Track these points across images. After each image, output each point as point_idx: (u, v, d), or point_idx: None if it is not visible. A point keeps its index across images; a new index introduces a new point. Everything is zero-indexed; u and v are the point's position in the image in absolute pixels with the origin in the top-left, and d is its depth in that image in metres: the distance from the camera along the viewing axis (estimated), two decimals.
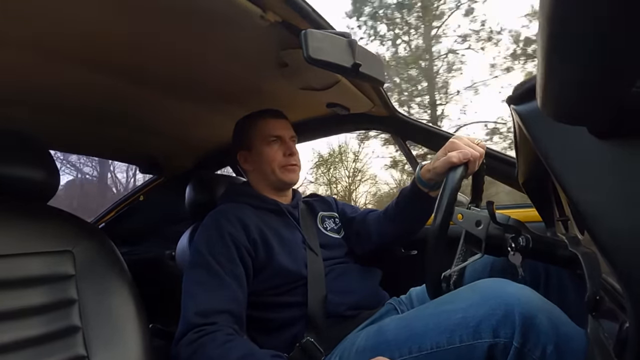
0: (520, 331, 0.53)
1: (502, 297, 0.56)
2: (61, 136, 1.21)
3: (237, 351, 0.67)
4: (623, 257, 0.29)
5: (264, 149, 0.98)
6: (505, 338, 0.54)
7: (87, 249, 0.73)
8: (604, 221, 0.30)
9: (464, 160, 0.74)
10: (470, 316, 0.58)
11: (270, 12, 0.65)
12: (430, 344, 0.61)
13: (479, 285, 0.63)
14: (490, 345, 0.55)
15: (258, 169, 1.00)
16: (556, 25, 0.19)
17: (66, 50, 0.75)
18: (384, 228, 0.99)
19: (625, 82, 0.22)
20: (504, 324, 0.54)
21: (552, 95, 0.26)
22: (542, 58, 0.23)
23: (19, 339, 0.61)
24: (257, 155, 0.99)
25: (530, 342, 0.52)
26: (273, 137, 0.98)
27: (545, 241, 0.70)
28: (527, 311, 0.53)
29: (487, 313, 0.56)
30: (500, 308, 0.55)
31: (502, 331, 0.54)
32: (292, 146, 1.00)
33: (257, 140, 0.99)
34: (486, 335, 0.55)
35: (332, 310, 0.84)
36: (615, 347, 0.34)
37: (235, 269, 0.81)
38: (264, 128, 0.99)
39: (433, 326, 0.62)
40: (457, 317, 0.59)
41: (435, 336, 0.61)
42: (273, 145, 0.98)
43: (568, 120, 0.28)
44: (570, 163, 0.33)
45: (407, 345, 0.64)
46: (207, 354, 0.67)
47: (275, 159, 0.97)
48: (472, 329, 0.57)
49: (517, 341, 0.52)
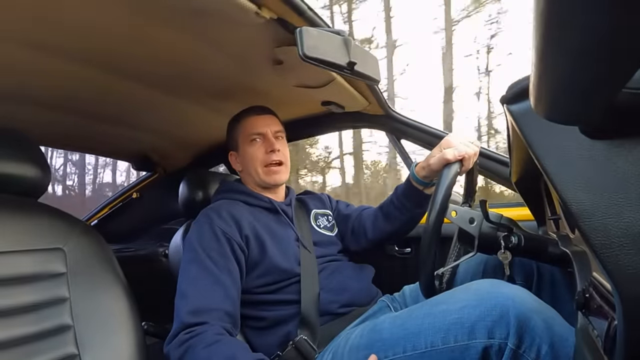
0: (516, 332, 0.53)
1: (498, 298, 0.57)
2: (53, 133, 1.20)
3: (221, 353, 0.67)
4: (613, 256, 0.29)
5: (247, 148, 0.97)
6: (500, 339, 0.54)
7: (79, 247, 0.73)
8: (595, 220, 0.31)
9: (458, 158, 0.75)
10: (466, 316, 0.58)
11: (265, 9, 0.65)
12: (425, 344, 0.61)
13: (474, 286, 0.63)
14: (485, 346, 0.55)
15: (245, 170, 0.99)
16: (549, 26, 0.19)
17: (58, 46, 0.74)
18: (379, 225, 0.99)
19: (616, 83, 0.23)
20: (499, 325, 0.54)
21: (545, 95, 0.26)
22: (535, 58, 0.23)
23: (9, 337, 0.60)
24: (242, 156, 0.99)
25: (525, 343, 0.53)
26: (254, 134, 0.96)
27: (536, 239, 0.71)
28: (522, 312, 0.54)
29: (482, 314, 0.56)
30: (496, 309, 0.56)
31: (497, 332, 0.54)
32: (274, 142, 0.95)
33: (241, 140, 0.98)
34: (481, 336, 0.56)
35: (325, 307, 0.85)
36: (604, 344, 0.34)
37: (228, 264, 0.80)
38: (246, 127, 0.98)
39: (428, 326, 0.62)
40: (453, 317, 0.60)
41: (430, 336, 0.61)
42: (254, 143, 0.96)
43: (560, 120, 0.28)
44: (562, 162, 0.33)
45: (402, 344, 0.64)
46: (194, 356, 0.67)
47: (257, 158, 0.95)
48: (467, 329, 0.57)
49: (513, 342, 0.53)
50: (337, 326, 0.82)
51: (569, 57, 0.20)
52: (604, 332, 0.34)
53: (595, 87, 0.22)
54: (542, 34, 0.20)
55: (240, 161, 1.00)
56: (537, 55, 0.22)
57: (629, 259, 0.29)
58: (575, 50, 0.20)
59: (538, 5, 0.19)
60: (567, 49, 0.20)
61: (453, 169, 0.74)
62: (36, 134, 1.06)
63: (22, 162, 0.70)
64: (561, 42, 0.20)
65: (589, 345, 0.39)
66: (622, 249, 0.29)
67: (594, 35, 0.18)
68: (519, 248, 0.70)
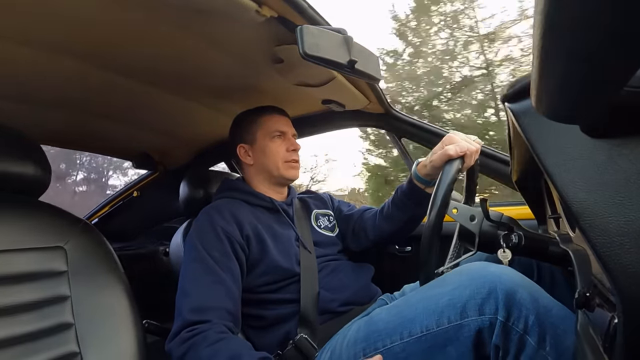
0: (504, 306, 0.55)
1: (486, 277, 0.59)
2: (53, 131, 1.20)
3: (226, 351, 0.67)
4: (613, 255, 0.29)
5: (268, 143, 0.98)
6: (490, 314, 0.56)
7: (79, 245, 0.73)
8: (595, 219, 0.31)
9: (460, 153, 0.76)
10: (457, 297, 0.60)
11: (265, 7, 0.65)
12: (420, 328, 0.62)
13: (464, 269, 0.65)
14: (477, 323, 0.57)
15: (259, 164, 1.00)
16: (549, 24, 0.19)
17: (58, 45, 0.74)
18: (380, 225, 0.99)
19: (617, 81, 0.22)
20: (488, 301, 0.57)
21: (546, 94, 0.26)
22: (536, 57, 0.23)
23: (10, 336, 0.60)
24: (260, 150, 0.99)
25: (513, 315, 0.55)
26: (277, 132, 0.99)
27: (537, 238, 0.71)
28: (509, 287, 0.56)
29: (472, 292, 0.59)
30: (485, 287, 0.58)
31: (487, 308, 0.56)
32: (295, 142, 1.01)
33: (260, 135, 0.99)
34: (472, 314, 0.57)
35: (324, 306, 0.85)
36: (604, 343, 0.34)
37: (229, 264, 0.81)
38: (268, 123, 0.99)
39: (422, 310, 0.64)
40: (445, 299, 0.61)
41: (424, 319, 0.62)
42: (277, 140, 0.99)
43: (561, 118, 0.28)
44: (563, 161, 0.33)
45: (398, 331, 0.65)
46: (198, 354, 0.67)
47: (279, 154, 0.98)
48: (460, 309, 0.59)
49: (502, 315, 0.55)
50: (336, 325, 0.83)
51: (569, 55, 0.20)
52: (604, 331, 0.34)
53: (596, 86, 0.22)
54: (543, 33, 0.20)
55: (253, 155, 1.00)
56: (538, 54, 0.22)
57: (630, 258, 0.29)
58: (576, 49, 0.20)
59: (538, 4, 0.19)
60: (568, 48, 0.20)
61: (455, 164, 0.74)
62: (36, 132, 1.07)
63: (23, 161, 0.70)
64: (562, 41, 0.20)
65: (589, 344, 0.39)
66: (623, 248, 0.29)
67: (595, 34, 0.18)
68: (520, 247, 0.70)
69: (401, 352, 0.64)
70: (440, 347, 0.60)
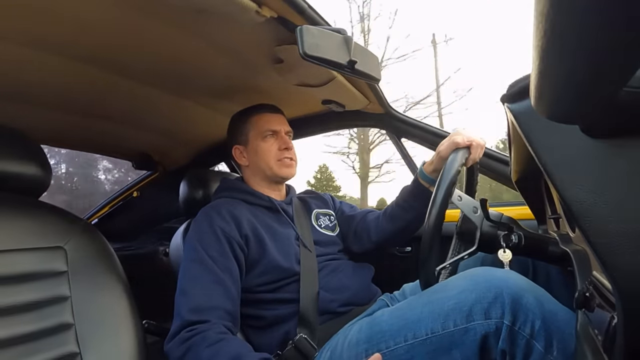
0: (510, 310, 0.55)
1: (492, 281, 0.59)
2: (53, 131, 1.20)
3: (227, 352, 0.67)
4: (613, 255, 0.29)
5: (260, 143, 0.98)
6: (496, 318, 0.56)
7: (79, 245, 0.73)
8: (595, 219, 0.31)
9: (467, 143, 0.77)
10: (463, 301, 0.60)
11: (265, 8, 0.65)
12: (425, 331, 0.62)
13: (469, 273, 0.65)
14: (483, 327, 0.57)
15: (253, 164, 1.00)
16: (549, 24, 0.19)
17: (58, 45, 0.74)
18: (382, 226, 1.00)
19: (617, 81, 0.22)
20: (495, 305, 0.56)
21: (545, 94, 0.26)
22: (536, 57, 0.23)
23: (10, 336, 0.60)
24: (252, 150, 0.99)
25: (520, 320, 0.55)
26: (269, 131, 0.98)
27: (537, 238, 0.71)
28: (515, 292, 0.56)
29: (478, 297, 0.58)
30: (491, 291, 0.58)
31: (493, 312, 0.56)
32: (287, 140, 1.00)
33: (252, 135, 0.99)
34: (479, 318, 0.57)
35: (324, 306, 0.85)
36: (604, 343, 0.34)
37: (228, 263, 0.81)
38: (259, 123, 0.99)
39: (427, 313, 0.63)
40: (451, 302, 0.61)
41: (430, 323, 0.62)
42: (269, 139, 0.98)
43: (560, 118, 0.28)
44: (563, 161, 0.33)
45: (402, 333, 0.65)
46: (197, 354, 0.67)
47: (271, 153, 0.98)
48: (466, 313, 0.59)
49: (508, 320, 0.55)
50: (336, 325, 0.82)
51: (569, 55, 0.20)
52: (603, 330, 0.35)
53: (596, 86, 0.22)
54: (542, 33, 0.20)
55: (247, 155, 1.00)
56: (538, 54, 0.22)
57: (630, 258, 0.29)
58: (575, 49, 0.20)
59: (538, 4, 0.19)
60: (568, 48, 0.20)
61: (460, 153, 0.75)
62: (37, 132, 1.07)
63: (23, 161, 0.70)
64: (561, 41, 0.20)
65: (589, 343, 0.39)
66: (623, 248, 0.29)
67: (595, 34, 0.18)
68: (519, 247, 0.70)
69: (405, 354, 0.63)
70: (446, 351, 0.60)
